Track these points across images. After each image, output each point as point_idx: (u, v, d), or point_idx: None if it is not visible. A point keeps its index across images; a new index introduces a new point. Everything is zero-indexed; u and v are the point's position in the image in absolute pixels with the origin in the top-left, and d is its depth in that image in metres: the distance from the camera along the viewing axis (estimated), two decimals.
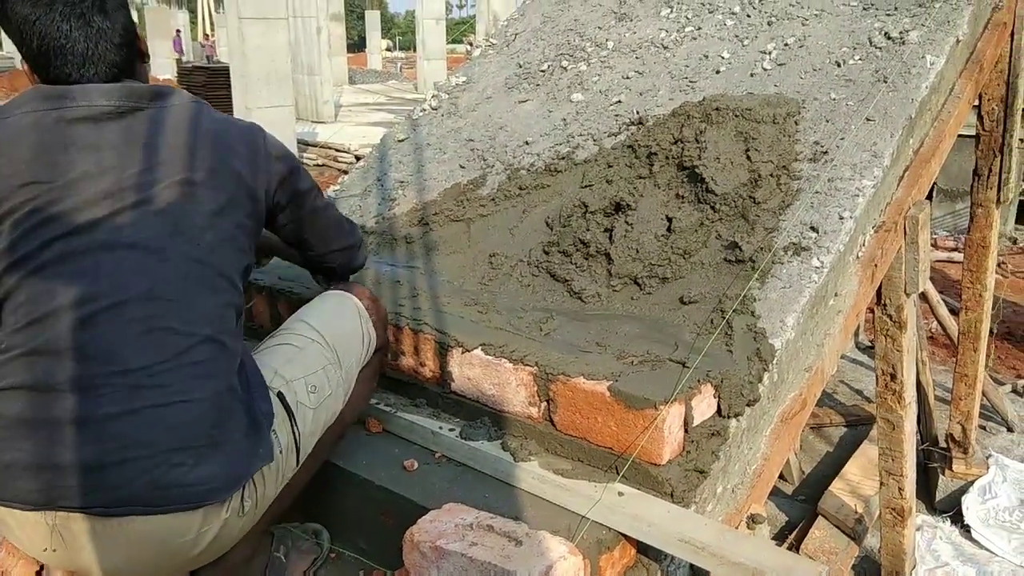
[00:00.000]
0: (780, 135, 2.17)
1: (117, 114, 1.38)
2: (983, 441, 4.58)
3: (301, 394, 1.57)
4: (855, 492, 3.95)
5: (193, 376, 1.33)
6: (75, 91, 1.38)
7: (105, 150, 1.35)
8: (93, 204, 1.33)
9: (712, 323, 1.80)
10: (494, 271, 2.18)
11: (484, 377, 1.80)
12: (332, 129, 14.02)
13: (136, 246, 1.33)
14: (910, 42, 2.40)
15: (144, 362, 1.29)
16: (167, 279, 1.34)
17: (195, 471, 1.30)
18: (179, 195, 1.38)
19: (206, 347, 1.35)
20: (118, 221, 1.33)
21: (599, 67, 2.92)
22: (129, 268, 1.32)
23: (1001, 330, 6.14)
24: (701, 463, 1.61)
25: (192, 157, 1.41)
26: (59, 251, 1.30)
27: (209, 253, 1.39)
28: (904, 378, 2.63)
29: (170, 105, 1.44)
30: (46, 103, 1.37)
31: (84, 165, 1.33)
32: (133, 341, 1.30)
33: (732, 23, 2.85)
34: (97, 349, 1.28)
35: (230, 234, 1.44)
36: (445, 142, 2.86)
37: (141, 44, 1.53)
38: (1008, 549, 3.76)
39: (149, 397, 1.29)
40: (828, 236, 1.94)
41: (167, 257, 1.35)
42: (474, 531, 1.41)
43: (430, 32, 19.56)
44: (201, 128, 1.45)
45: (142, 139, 1.38)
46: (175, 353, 1.32)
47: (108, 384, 1.27)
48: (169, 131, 1.41)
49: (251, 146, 1.52)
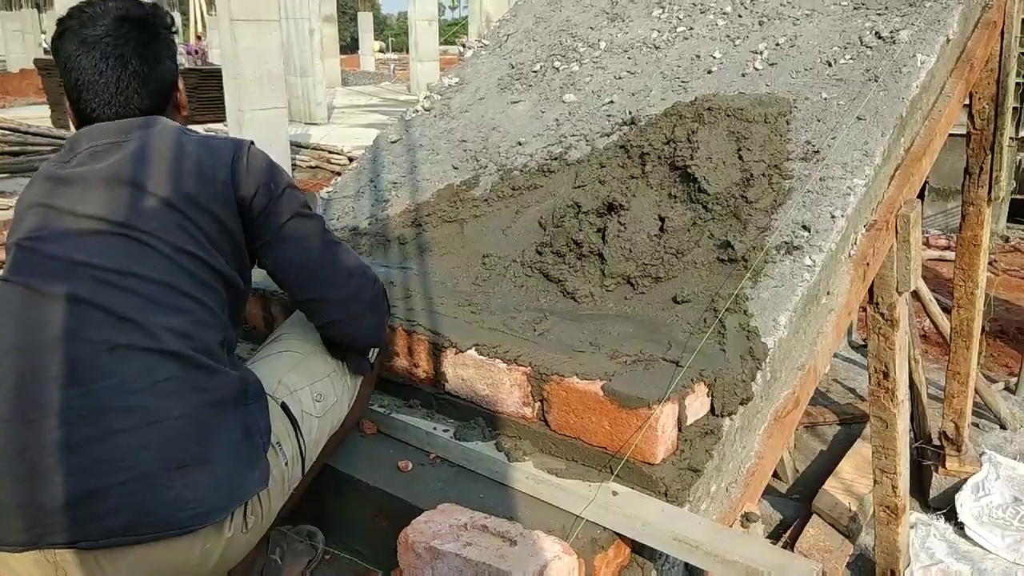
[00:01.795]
0: (772, 134, 2.18)
1: (113, 145, 1.45)
2: (976, 439, 4.59)
3: (307, 403, 1.55)
4: (849, 490, 3.96)
5: (165, 394, 1.29)
6: (83, 134, 1.48)
7: (91, 181, 1.41)
8: (63, 232, 1.37)
9: (705, 322, 1.81)
10: (487, 272, 2.18)
11: (478, 377, 1.80)
12: (325, 131, 14.00)
13: (98, 267, 1.34)
14: (900, 41, 2.41)
15: (110, 383, 1.27)
16: (127, 299, 1.33)
17: (183, 492, 1.26)
18: (144, 217, 1.39)
19: (174, 364, 1.32)
20: (83, 244, 1.36)
21: (591, 67, 2.93)
22: (89, 288, 1.32)
23: (993, 328, 6.17)
24: (695, 462, 1.61)
25: (163, 179, 1.42)
26: (24, 278, 1.34)
27: (168, 274, 1.37)
28: (897, 376, 2.64)
29: (151, 132, 1.47)
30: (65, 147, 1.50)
31: (69, 197, 1.40)
32: (97, 362, 1.28)
33: (723, 23, 2.86)
34: (62, 373, 1.26)
35: (197, 254, 1.42)
36: (438, 143, 2.86)
37: (179, 97, 1.60)
38: (1002, 546, 3.78)
39: (119, 420, 1.25)
40: (820, 235, 1.95)
41: (128, 277, 1.34)
42: (469, 531, 1.41)
43: (423, 33, 19.56)
44: (175, 150, 1.46)
45: (120, 166, 1.42)
46: (141, 372, 1.29)
47: (78, 408, 1.25)
48: (144, 156, 1.44)
49: (225, 163, 1.48)
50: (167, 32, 1.57)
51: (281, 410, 1.50)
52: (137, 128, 1.47)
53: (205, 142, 1.50)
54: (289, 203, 1.54)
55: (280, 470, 1.45)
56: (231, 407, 1.37)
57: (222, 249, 1.46)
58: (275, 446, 1.46)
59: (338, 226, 2.59)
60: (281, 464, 1.46)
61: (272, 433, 1.45)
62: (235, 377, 1.41)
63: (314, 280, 1.56)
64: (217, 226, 1.44)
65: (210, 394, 1.34)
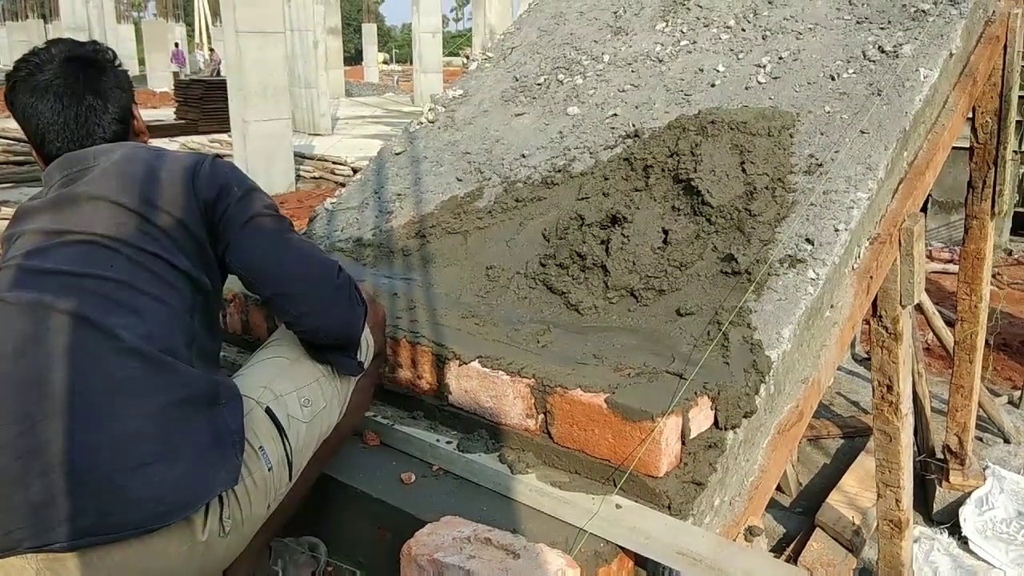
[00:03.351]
0: (775, 148, 2.18)
1: (83, 171, 1.52)
2: (980, 452, 4.58)
3: (293, 408, 1.54)
4: (853, 504, 3.94)
5: (124, 393, 1.31)
6: (54, 167, 1.56)
7: (62, 202, 1.49)
8: (35, 249, 1.43)
9: (708, 335, 1.81)
10: (491, 284, 2.18)
11: (481, 389, 1.80)
12: (329, 142, 14.05)
13: (63, 272, 1.39)
14: (904, 55, 2.42)
15: (68, 385, 1.28)
16: (86, 299, 1.36)
17: (141, 491, 1.26)
18: (106, 224, 1.44)
19: (134, 362, 1.33)
20: (48, 254, 1.42)
21: (595, 80, 2.94)
22: (52, 293, 1.36)
23: (997, 341, 6.15)
24: (698, 475, 1.61)
25: (126, 189, 1.48)
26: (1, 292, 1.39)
27: (127, 273, 1.41)
28: (900, 389, 2.63)
29: (115, 153, 1.54)
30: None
31: (41, 220, 1.48)
32: (57, 364, 1.30)
33: (727, 37, 2.87)
34: (23, 378, 1.29)
35: (158, 254, 1.46)
36: (442, 155, 2.87)
37: (137, 123, 1.69)
38: (1006, 560, 3.76)
39: (79, 420, 1.26)
40: (823, 248, 1.95)
41: (86, 279, 1.38)
42: (472, 544, 1.40)
43: (427, 45, 19.67)
44: (137, 163, 1.53)
45: (89, 184, 1.49)
46: (100, 372, 1.31)
47: (38, 413, 1.26)
48: (109, 172, 1.50)
49: (186, 168, 1.54)
50: (112, 65, 1.66)
51: (266, 415, 1.49)
52: (103, 153, 1.55)
53: (167, 154, 1.57)
54: (249, 205, 1.56)
55: (263, 475, 1.44)
56: (198, 407, 1.36)
57: (184, 250, 1.49)
58: (257, 451, 1.44)
59: (342, 237, 2.60)
60: (264, 469, 1.44)
61: (256, 437, 1.45)
62: (203, 377, 1.41)
63: (275, 275, 1.55)
64: (179, 228, 1.49)
65: (173, 393, 1.35)
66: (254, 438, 1.45)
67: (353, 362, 1.69)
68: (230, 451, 1.38)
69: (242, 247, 1.54)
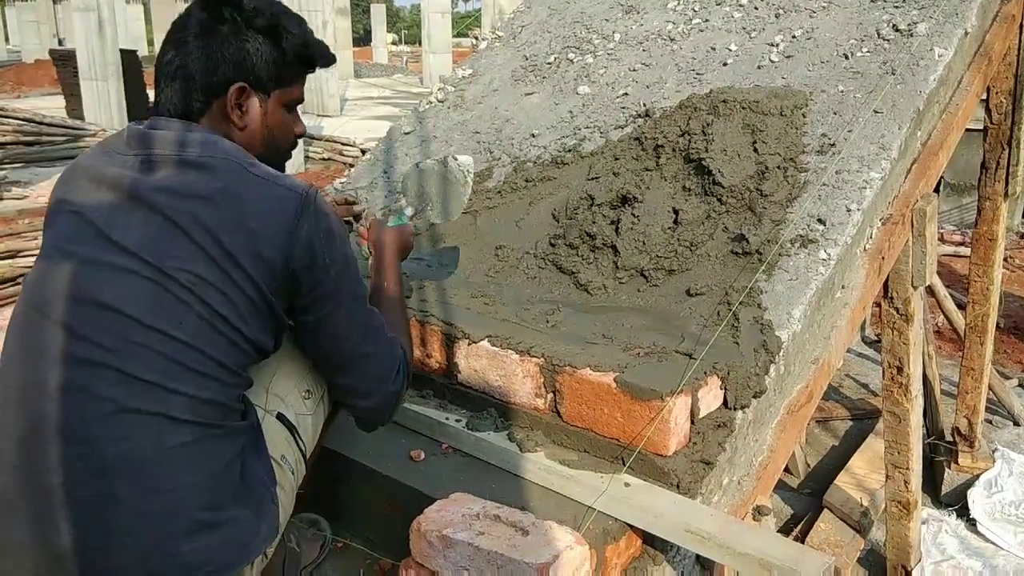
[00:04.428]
0: (787, 127, 2.16)
1: (169, 160, 1.30)
2: (989, 435, 4.57)
3: (298, 405, 1.49)
4: (861, 485, 3.95)
5: (175, 463, 1.20)
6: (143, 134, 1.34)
7: (136, 199, 1.27)
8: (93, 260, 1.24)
9: (719, 315, 1.80)
10: (500, 263, 2.18)
11: (490, 368, 1.81)
12: (338, 123, 14.01)
13: (124, 315, 1.21)
14: (918, 34, 2.39)
15: (117, 448, 1.18)
16: (149, 358, 1.21)
17: (190, 556, 1.20)
18: (183, 266, 1.23)
19: (187, 430, 1.22)
20: (113, 283, 1.23)
21: (606, 59, 2.92)
22: (110, 338, 1.20)
23: (1008, 324, 6.13)
24: (707, 454, 1.61)
25: (213, 225, 1.25)
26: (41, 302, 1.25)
27: (198, 337, 1.23)
28: (911, 371, 2.62)
29: (213, 160, 1.30)
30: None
31: (108, 214, 1.27)
32: (104, 421, 1.18)
33: (739, 15, 2.84)
34: (66, 425, 1.18)
35: (231, 320, 1.26)
36: (451, 135, 2.86)
37: (234, 102, 1.38)
38: (1014, 543, 3.76)
39: (125, 486, 1.17)
40: (835, 228, 1.94)
41: (153, 332, 1.21)
42: (481, 521, 1.41)
43: (436, 25, 19.53)
44: (233, 192, 1.28)
45: (171, 196, 1.26)
46: (151, 439, 1.19)
47: (80, 467, 1.17)
48: (198, 190, 1.27)
49: (285, 228, 1.28)
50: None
51: (277, 421, 1.45)
52: (192, 146, 1.31)
53: (263, 187, 1.30)
54: (337, 289, 1.36)
55: (289, 483, 1.43)
56: (242, 462, 1.29)
57: (256, 317, 1.29)
58: (280, 461, 1.42)
59: None
60: (288, 476, 1.42)
61: (275, 448, 1.41)
62: (247, 428, 1.34)
63: (339, 366, 1.44)
64: (257, 293, 1.27)
65: (223, 457, 1.26)
66: (274, 450, 1.41)
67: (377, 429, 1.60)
68: (267, 502, 1.33)
69: (319, 333, 1.39)
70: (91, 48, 13.63)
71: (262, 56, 1.39)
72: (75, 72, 14.08)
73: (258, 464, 1.34)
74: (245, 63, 1.38)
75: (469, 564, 1.35)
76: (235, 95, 1.38)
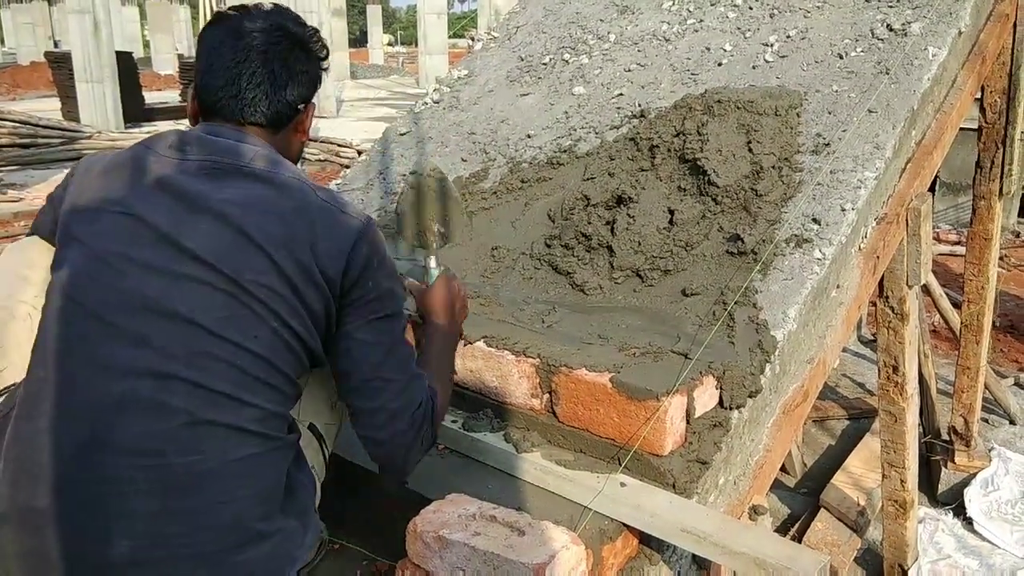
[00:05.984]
0: (782, 127, 2.17)
1: (231, 169, 1.31)
2: (985, 434, 4.57)
3: (326, 415, 1.53)
4: (857, 485, 3.95)
5: (236, 475, 1.20)
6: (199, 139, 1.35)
7: (201, 205, 1.26)
8: (160, 268, 1.22)
9: (714, 315, 1.81)
10: (496, 264, 2.18)
11: (486, 369, 1.81)
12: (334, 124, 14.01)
13: (196, 324, 1.20)
14: (912, 34, 2.40)
15: (185, 460, 1.17)
16: (222, 370, 1.20)
17: (237, 569, 1.20)
18: (254, 278, 1.23)
19: (252, 442, 1.22)
20: (183, 291, 1.21)
21: (601, 60, 2.92)
22: (182, 347, 1.19)
23: (1003, 323, 6.14)
24: (703, 454, 1.61)
25: (281, 240, 1.25)
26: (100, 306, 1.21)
27: (270, 349, 1.24)
28: (906, 370, 2.63)
29: (277, 173, 1.32)
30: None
31: (171, 217, 1.25)
32: (173, 434, 1.17)
33: (734, 15, 2.85)
34: (133, 436, 1.17)
35: (299, 332, 1.27)
36: (447, 135, 2.86)
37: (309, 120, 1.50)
38: (1011, 541, 3.76)
39: (188, 499, 1.17)
40: (830, 228, 1.94)
41: (226, 343, 1.20)
42: (477, 521, 1.41)
43: (432, 26, 19.55)
44: (299, 209, 1.29)
45: (237, 207, 1.26)
46: (218, 451, 1.19)
47: (143, 479, 1.16)
48: (265, 203, 1.28)
49: (344, 247, 1.31)
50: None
51: (309, 431, 1.47)
52: (258, 159, 1.33)
53: (331, 211, 1.32)
54: (372, 309, 1.35)
55: (317, 489, 1.44)
56: (290, 472, 1.31)
57: (319, 331, 1.31)
58: (313, 469, 1.43)
59: None
60: (317, 483, 1.44)
61: (308, 458, 1.42)
62: (296, 439, 1.35)
63: (354, 393, 1.38)
64: (320, 306, 1.29)
65: (279, 468, 1.27)
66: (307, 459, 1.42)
67: (396, 481, 1.53)
68: (310, 506, 1.35)
69: (344, 345, 1.35)
70: (87, 50, 13.62)
71: (319, 81, 1.51)
72: (71, 74, 14.07)
73: (301, 474, 1.36)
74: (316, 84, 1.49)
75: (465, 565, 1.35)
76: (312, 111, 1.51)
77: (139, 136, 12.24)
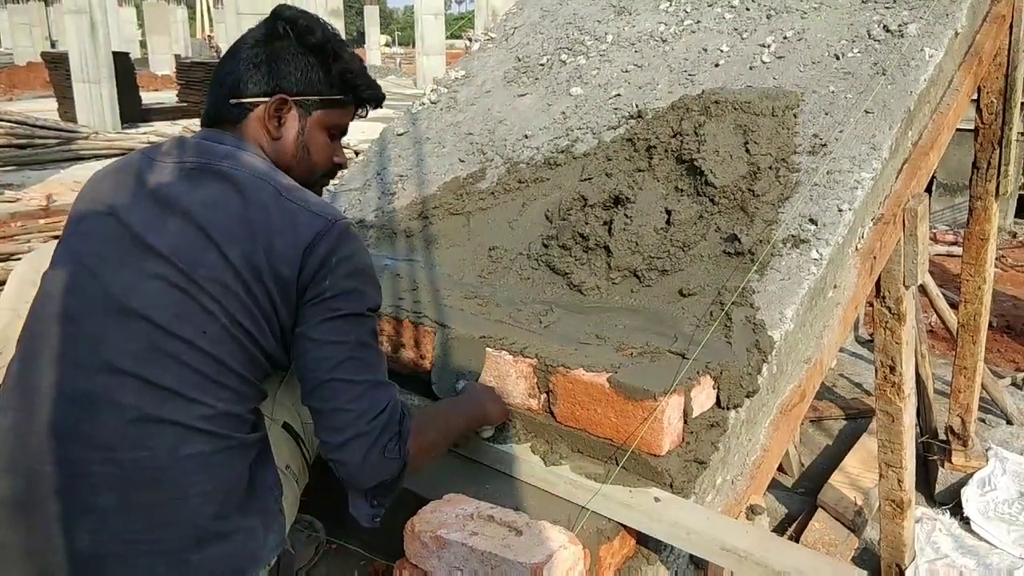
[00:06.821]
0: (779, 128, 2.17)
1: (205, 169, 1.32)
2: (982, 434, 4.58)
3: (303, 414, 1.51)
4: (855, 484, 3.96)
5: (189, 472, 1.21)
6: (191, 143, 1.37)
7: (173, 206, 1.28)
8: (124, 265, 1.24)
9: (711, 315, 1.81)
10: (494, 264, 2.18)
11: (485, 369, 1.81)
12: None
13: (149, 321, 1.22)
14: (908, 35, 2.40)
15: (135, 455, 1.18)
16: (171, 366, 1.21)
17: (200, 567, 1.21)
18: (208, 275, 1.24)
19: (202, 439, 1.22)
20: (142, 289, 1.23)
21: (598, 61, 2.92)
22: (134, 340, 1.21)
23: (1000, 323, 6.15)
24: (700, 454, 1.62)
25: (237, 238, 1.26)
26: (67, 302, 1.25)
27: (220, 346, 1.24)
28: (903, 370, 2.63)
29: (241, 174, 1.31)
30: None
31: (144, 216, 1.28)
32: (124, 430, 1.19)
33: (731, 16, 2.85)
34: (86, 432, 1.19)
35: (250, 331, 1.27)
36: (444, 136, 2.86)
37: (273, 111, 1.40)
38: (1008, 541, 3.77)
39: (142, 495, 1.19)
40: (827, 228, 1.95)
41: (176, 340, 1.22)
42: (475, 521, 1.41)
43: (429, 27, 19.55)
44: (259, 206, 1.29)
45: (201, 207, 1.28)
46: (168, 448, 1.20)
47: (97, 473, 1.18)
48: (227, 203, 1.28)
49: (302, 244, 1.28)
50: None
51: (284, 431, 1.46)
52: (227, 158, 1.34)
53: (293, 211, 1.30)
54: (333, 306, 1.30)
55: (293, 492, 1.44)
56: (251, 472, 1.30)
57: (273, 330, 1.30)
58: (283, 471, 1.42)
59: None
60: (292, 483, 1.44)
61: (280, 458, 1.41)
62: (258, 439, 1.34)
63: (312, 395, 1.32)
64: (271, 306, 1.27)
65: (234, 468, 1.26)
66: (279, 459, 1.41)
67: (365, 511, 1.37)
68: (275, 511, 1.34)
69: (304, 344, 1.30)
70: (83, 50, 13.60)
71: (307, 74, 1.42)
72: (67, 74, 14.05)
73: (267, 474, 1.34)
74: (291, 76, 1.41)
75: (463, 564, 1.35)
76: (275, 105, 1.40)
77: (136, 136, 12.23)
